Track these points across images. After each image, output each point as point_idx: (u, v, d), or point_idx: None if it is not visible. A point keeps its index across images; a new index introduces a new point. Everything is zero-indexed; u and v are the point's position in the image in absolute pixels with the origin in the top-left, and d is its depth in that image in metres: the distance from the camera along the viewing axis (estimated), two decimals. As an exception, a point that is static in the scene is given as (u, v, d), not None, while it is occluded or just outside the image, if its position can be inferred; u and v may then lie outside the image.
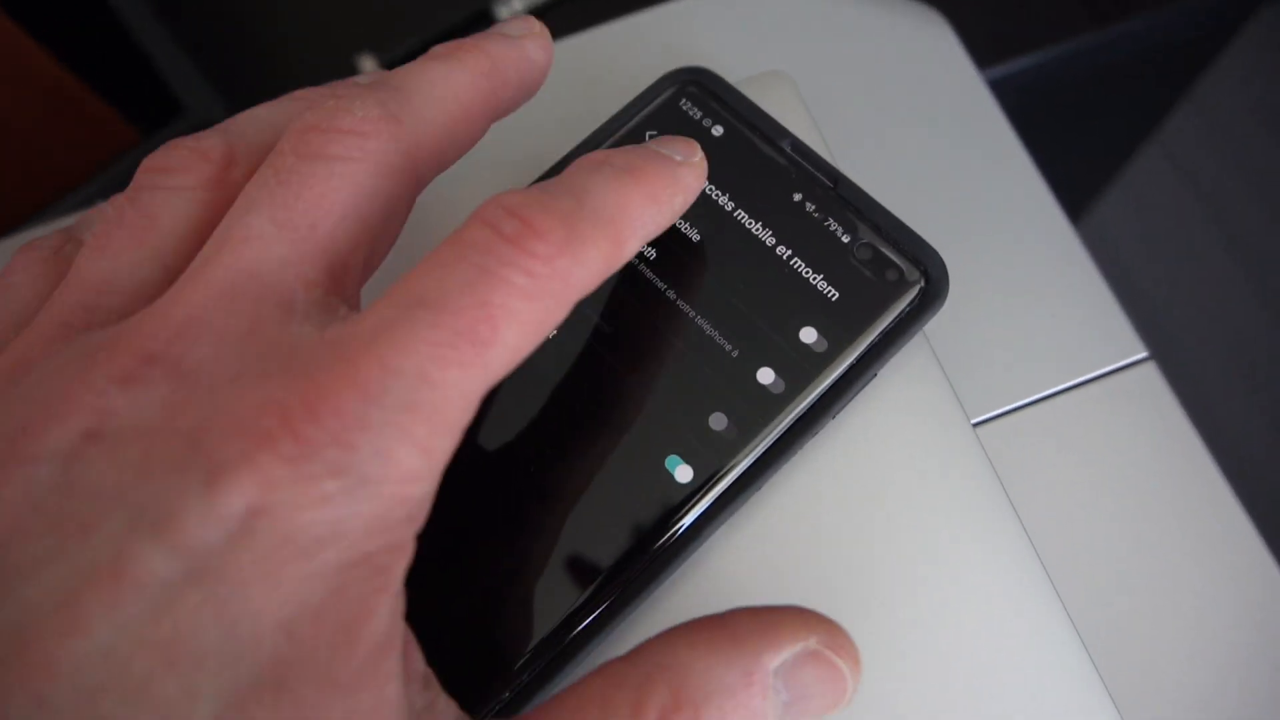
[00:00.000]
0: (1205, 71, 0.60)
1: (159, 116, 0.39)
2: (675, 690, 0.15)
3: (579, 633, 0.19)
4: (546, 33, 0.20)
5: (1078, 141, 0.62)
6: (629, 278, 0.21)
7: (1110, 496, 0.23)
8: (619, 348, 0.21)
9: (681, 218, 0.22)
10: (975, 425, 0.24)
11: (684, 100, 0.23)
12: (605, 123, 0.23)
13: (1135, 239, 0.97)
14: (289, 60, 0.42)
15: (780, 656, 0.15)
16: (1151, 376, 0.23)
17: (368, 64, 0.42)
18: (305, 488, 0.12)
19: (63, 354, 0.14)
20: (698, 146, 0.19)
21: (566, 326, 0.21)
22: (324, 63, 0.42)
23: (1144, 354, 0.24)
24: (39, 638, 0.12)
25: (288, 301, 0.15)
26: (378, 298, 0.14)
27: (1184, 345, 0.93)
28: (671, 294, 0.21)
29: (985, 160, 0.26)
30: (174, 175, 0.17)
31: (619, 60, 0.29)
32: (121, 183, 0.37)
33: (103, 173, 0.37)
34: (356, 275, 0.16)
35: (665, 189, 0.17)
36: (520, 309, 0.14)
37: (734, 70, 0.25)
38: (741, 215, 0.22)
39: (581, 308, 0.21)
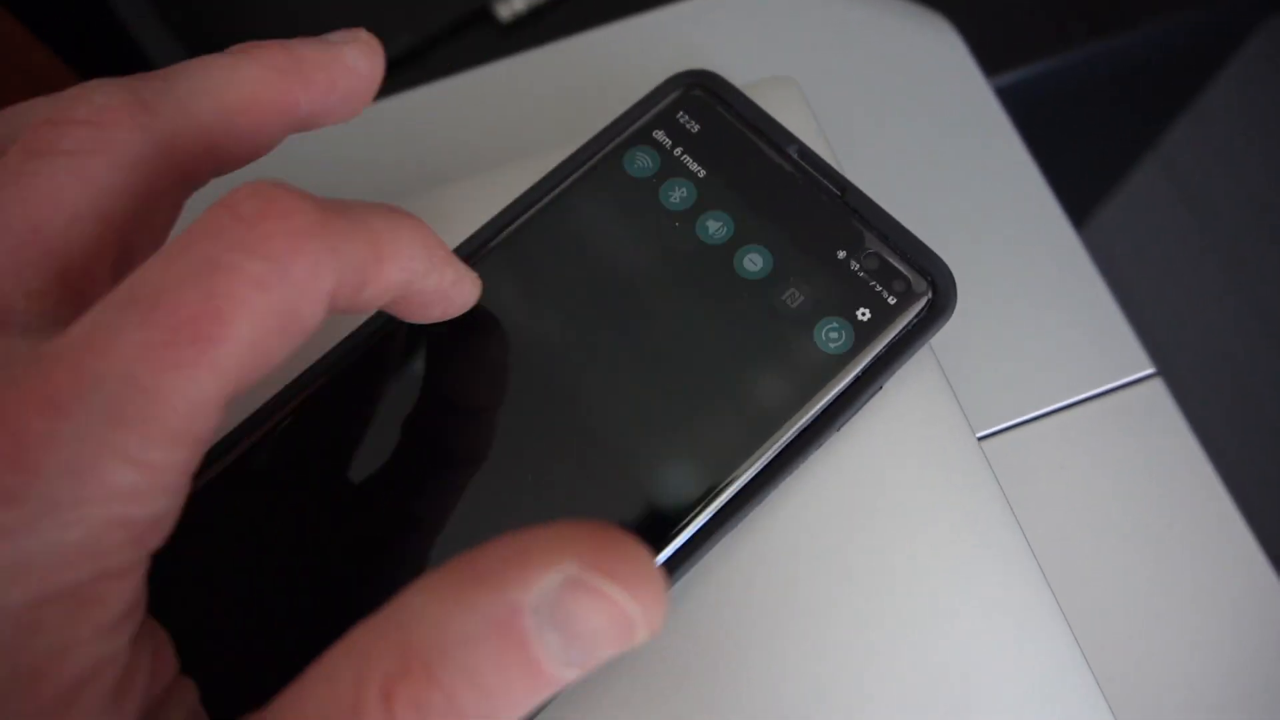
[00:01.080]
0: (1207, 85, 0.60)
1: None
2: (403, 650, 0.12)
3: None
4: (374, 42, 0.18)
5: (1076, 154, 0.62)
6: (646, 278, 0.21)
7: (1115, 512, 0.23)
8: (631, 348, 0.20)
9: (695, 222, 0.21)
10: (980, 439, 0.24)
11: (690, 103, 0.23)
12: (610, 124, 0.23)
13: (1131, 252, 0.97)
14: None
15: (535, 592, 0.12)
16: (1158, 393, 0.23)
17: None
18: None
19: None
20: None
21: (568, 332, 0.20)
22: (322, 59, 0.41)
23: (1151, 370, 0.23)
24: None
25: (4, 314, 0.14)
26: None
27: (1178, 360, 0.93)
28: (680, 301, 0.21)
29: (993, 170, 0.26)
30: None
31: (624, 61, 0.28)
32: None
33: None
34: (103, 280, 0.15)
35: (440, 249, 0.16)
36: (254, 300, 0.12)
37: (741, 74, 0.25)
38: (748, 222, 0.21)
39: (587, 308, 0.21)
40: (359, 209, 0.15)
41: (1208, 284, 0.97)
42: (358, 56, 0.18)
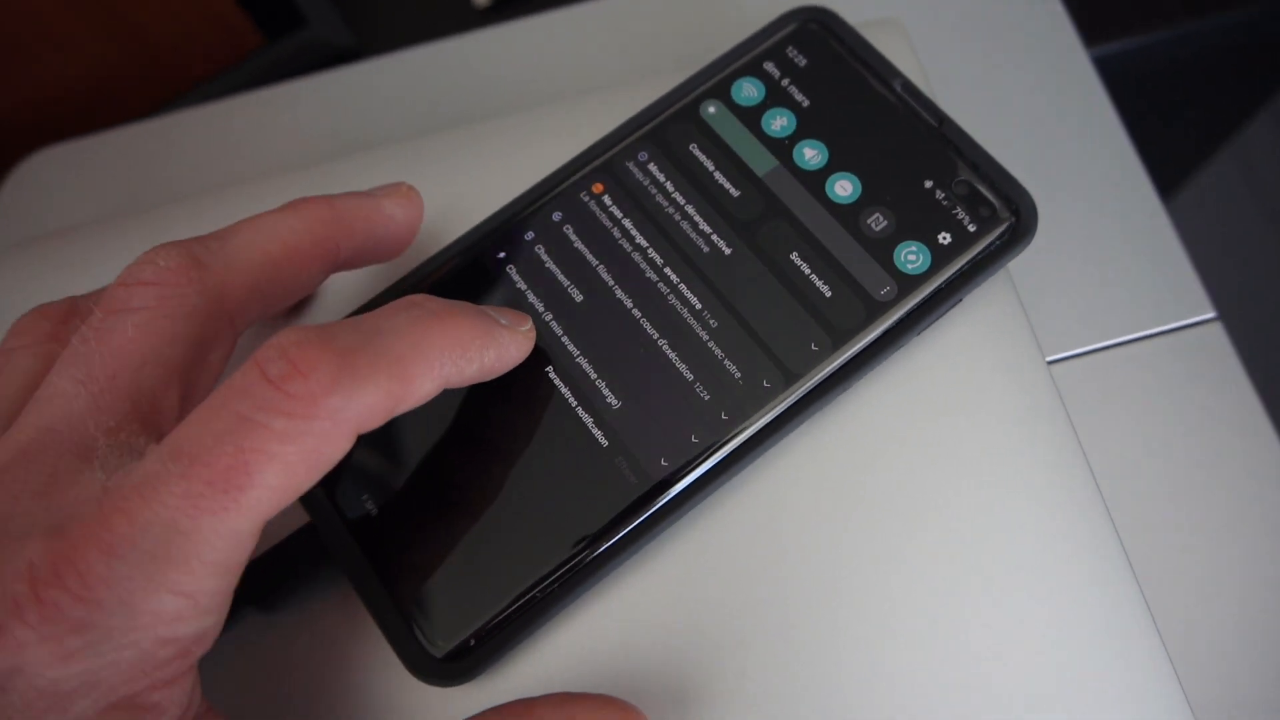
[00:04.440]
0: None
1: (283, 28, 0.41)
2: None
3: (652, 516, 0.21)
4: (414, 193, 0.21)
5: (1154, 137, 0.63)
6: (759, 191, 0.23)
7: (1166, 440, 0.25)
8: (750, 253, 0.22)
9: (807, 144, 0.23)
10: (1050, 362, 0.25)
11: (805, 35, 0.25)
12: (726, 52, 0.25)
13: (1197, 246, 0.97)
14: (405, -15, 0.44)
15: None
16: (1217, 335, 0.25)
17: (480, -5, 0.43)
18: (51, 648, 0.14)
19: None
20: (528, 319, 0.21)
21: (705, 221, 0.23)
22: (439, -11, 0.44)
23: (1212, 314, 0.25)
24: None
25: (88, 450, 0.16)
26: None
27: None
28: (793, 209, 0.23)
29: (1082, 125, 0.27)
30: (20, 336, 0.19)
31: None
32: (247, 82, 0.40)
33: (230, 71, 0.40)
34: (172, 411, 0.18)
35: (476, 339, 0.18)
36: (279, 451, 0.15)
37: (851, 15, 0.27)
38: (853, 145, 0.23)
39: (720, 202, 0.23)
40: (384, 338, 0.16)
41: (1272, 280, 0.97)
42: (395, 207, 0.21)
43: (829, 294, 0.22)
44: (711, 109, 0.24)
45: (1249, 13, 0.45)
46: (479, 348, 0.18)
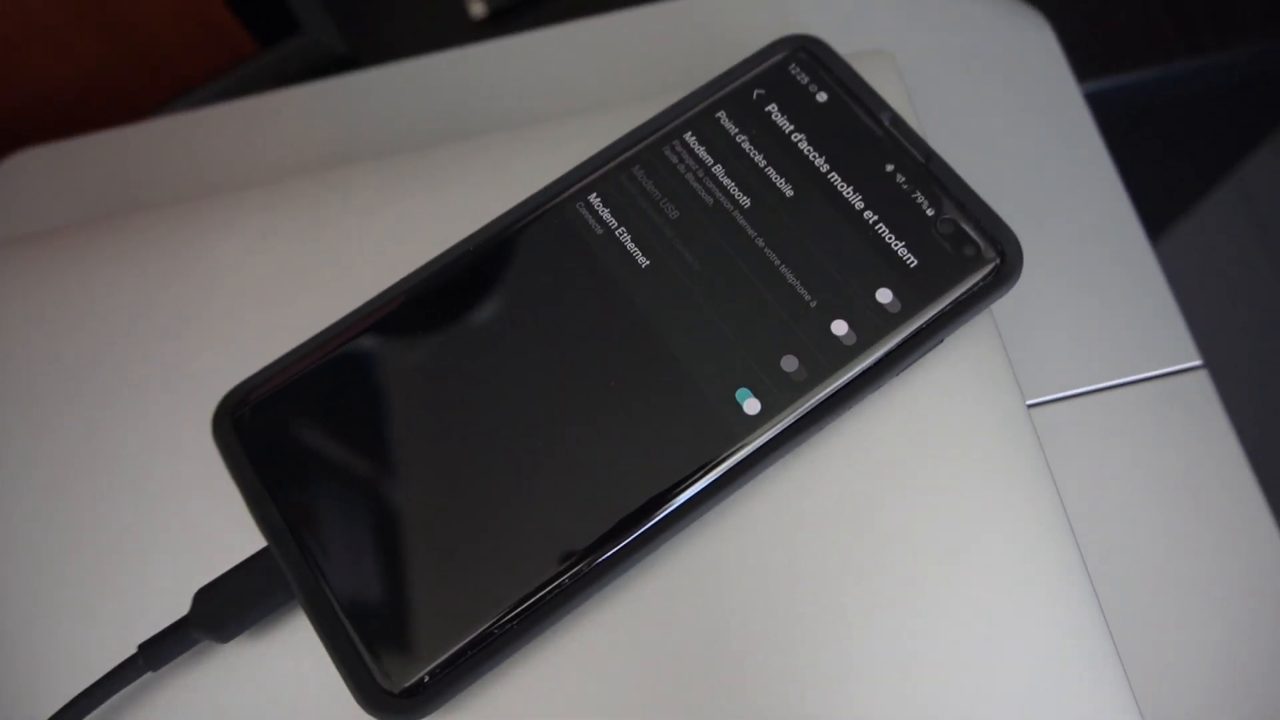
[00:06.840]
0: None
1: (277, 33, 0.41)
2: None
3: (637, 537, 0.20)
4: None
5: (1153, 170, 0.62)
6: (723, 223, 0.23)
7: (1147, 491, 0.24)
8: (703, 285, 0.22)
9: (778, 173, 0.23)
10: (1030, 406, 0.25)
11: (794, 65, 0.24)
12: (717, 77, 0.24)
13: (1194, 281, 0.96)
14: (403, -6, 0.44)
15: None
16: (1203, 384, 0.24)
17: (476, 7, 0.43)
18: None
19: None
20: None
21: (658, 257, 0.22)
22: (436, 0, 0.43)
23: (1198, 361, 0.25)
24: None
25: None
26: None
27: (1230, 396, 0.92)
28: (760, 242, 0.22)
29: (1071, 162, 0.27)
30: None
31: (732, 25, 0.30)
32: (240, 87, 0.39)
33: (220, 78, 0.39)
34: None
35: None
36: None
37: (839, 47, 0.26)
38: (835, 178, 0.23)
39: (673, 243, 0.22)
40: None
41: (1268, 320, 0.96)
42: None
43: (806, 328, 0.22)
44: (691, 137, 0.24)
45: (1250, 51, 0.44)
46: None
